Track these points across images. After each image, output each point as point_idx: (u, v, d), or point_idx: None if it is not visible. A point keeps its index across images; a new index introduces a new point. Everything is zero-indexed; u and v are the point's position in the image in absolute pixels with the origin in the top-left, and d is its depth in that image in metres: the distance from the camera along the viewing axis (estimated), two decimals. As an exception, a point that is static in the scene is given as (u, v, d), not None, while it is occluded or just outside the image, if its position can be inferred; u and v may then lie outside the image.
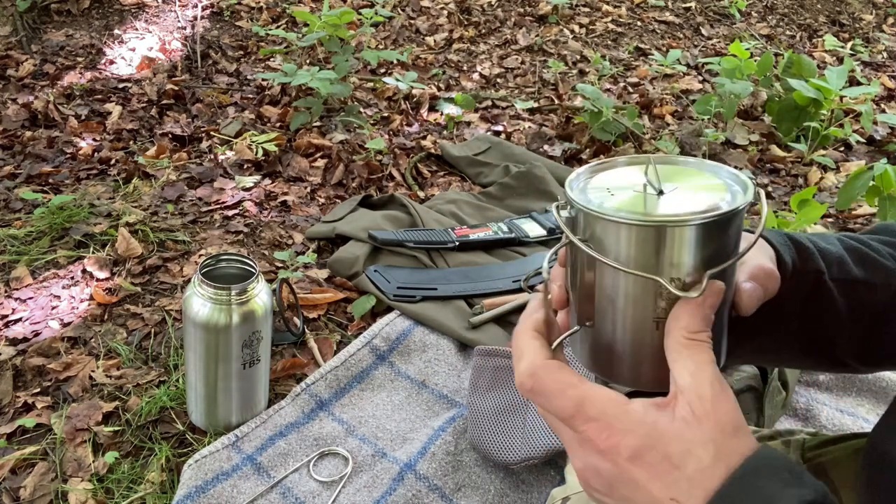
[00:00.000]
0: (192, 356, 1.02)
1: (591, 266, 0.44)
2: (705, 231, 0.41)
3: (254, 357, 1.03)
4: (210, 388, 1.03)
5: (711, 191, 0.43)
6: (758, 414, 1.03)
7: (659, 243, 0.41)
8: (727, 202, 0.42)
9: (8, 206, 1.57)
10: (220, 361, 1.01)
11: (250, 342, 1.01)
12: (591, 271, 0.44)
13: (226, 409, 1.06)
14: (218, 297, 0.98)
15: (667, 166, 0.46)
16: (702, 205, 0.41)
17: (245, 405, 1.07)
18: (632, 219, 0.41)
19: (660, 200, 0.43)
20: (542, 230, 1.54)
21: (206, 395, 1.04)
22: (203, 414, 1.06)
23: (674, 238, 0.41)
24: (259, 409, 1.09)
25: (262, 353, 1.04)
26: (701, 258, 0.41)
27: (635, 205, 0.42)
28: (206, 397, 1.04)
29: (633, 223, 0.41)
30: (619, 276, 0.42)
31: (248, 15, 2.66)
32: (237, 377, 1.03)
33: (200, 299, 0.98)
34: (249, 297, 0.99)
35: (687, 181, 0.44)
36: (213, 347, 1.00)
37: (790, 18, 3.33)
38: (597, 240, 0.42)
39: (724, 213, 0.41)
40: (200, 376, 1.03)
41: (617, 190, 0.44)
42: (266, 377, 1.09)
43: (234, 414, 1.07)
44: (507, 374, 1.07)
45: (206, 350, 1.00)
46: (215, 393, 1.04)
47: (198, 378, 1.03)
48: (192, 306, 0.99)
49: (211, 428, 1.06)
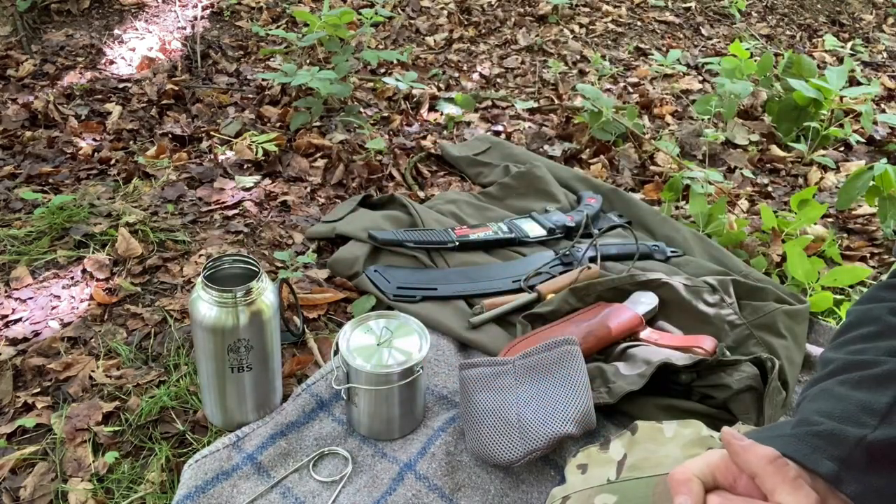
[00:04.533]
0: (202, 358, 1.02)
1: None
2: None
3: (263, 356, 1.03)
4: (222, 388, 1.03)
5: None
6: (758, 414, 1.03)
7: None
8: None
9: (8, 206, 1.57)
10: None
11: (256, 342, 1.01)
12: None
13: (241, 409, 1.06)
14: (224, 300, 0.97)
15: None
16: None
17: (261, 403, 1.07)
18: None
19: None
20: (542, 230, 1.54)
21: (220, 395, 1.04)
22: (220, 413, 1.06)
23: None
24: (274, 406, 1.10)
25: (273, 351, 1.04)
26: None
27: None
28: (219, 398, 1.04)
29: None
30: None
31: (248, 15, 2.66)
32: (249, 377, 1.03)
33: (206, 303, 0.98)
34: (255, 297, 0.99)
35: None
36: (223, 350, 1.00)
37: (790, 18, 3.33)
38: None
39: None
40: (212, 377, 1.03)
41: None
42: (279, 374, 1.09)
43: (251, 413, 1.07)
44: (492, 377, 1.07)
45: (215, 353, 1.00)
46: (230, 393, 1.04)
47: (210, 379, 1.03)
48: (198, 310, 0.98)
49: (227, 428, 1.07)
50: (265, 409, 1.08)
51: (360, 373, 1.01)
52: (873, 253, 1.67)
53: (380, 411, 1.04)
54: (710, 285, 1.28)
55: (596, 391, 1.05)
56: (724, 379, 1.05)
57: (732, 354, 1.15)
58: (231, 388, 1.03)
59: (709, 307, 1.25)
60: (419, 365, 1.02)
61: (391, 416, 1.04)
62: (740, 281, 1.32)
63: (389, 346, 1.04)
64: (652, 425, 0.83)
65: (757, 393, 1.05)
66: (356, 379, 1.01)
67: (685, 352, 1.11)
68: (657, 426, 0.83)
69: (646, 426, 0.83)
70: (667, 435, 0.81)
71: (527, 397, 1.03)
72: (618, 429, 1.07)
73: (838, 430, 0.57)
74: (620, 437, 0.84)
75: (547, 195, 1.70)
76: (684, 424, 0.82)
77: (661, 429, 0.82)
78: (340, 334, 1.05)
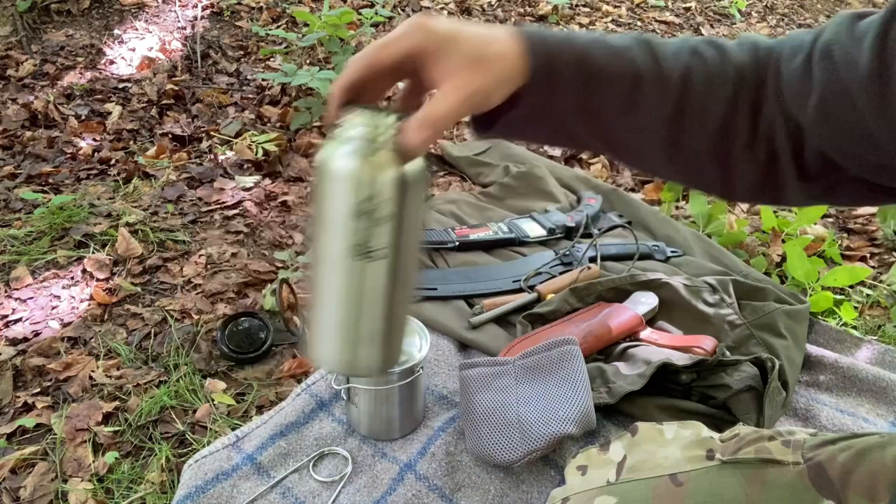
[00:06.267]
0: (334, 256, 0.54)
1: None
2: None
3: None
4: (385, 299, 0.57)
5: None
6: (758, 414, 1.03)
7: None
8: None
9: (8, 206, 1.57)
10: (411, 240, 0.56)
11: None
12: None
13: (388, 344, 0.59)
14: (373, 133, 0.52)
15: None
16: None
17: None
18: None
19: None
20: (542, 230, 1.54)
21: (358, 311, 0.56)
22: (348, 348, 0.57)
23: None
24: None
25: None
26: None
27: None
28: (359, 318, 0.56)
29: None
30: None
31: (248, 15, 2.65)
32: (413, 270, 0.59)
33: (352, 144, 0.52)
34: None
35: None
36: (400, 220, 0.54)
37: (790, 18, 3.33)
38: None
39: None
40: (351, 281, 0.55)
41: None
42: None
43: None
44: (492, 377, 1.07)
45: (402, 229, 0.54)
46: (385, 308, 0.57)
47: (341, 286, 0.55)
48: (333, 164, 0.52)
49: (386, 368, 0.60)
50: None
51: None
52: (873, 253, 1.67)
53: (380, 411, 1.04)
54: (710, 285, 1.28)
55: (596, 391, 1.05)
56: (724, 379, 1.05)
57: (732, 354, 1.15)
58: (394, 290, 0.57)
59: (709, 307, 1.25)
60: (419, 365, 1.02)
61: (391, 416, 1.04)
62: (740, 281, 1.32)
63: None
64: (652, 426, 0.83)
65: (757, 393, 1.05)
66: (356, 379, 1.02)
67: (685, 352, 1.11)
68: (657, 427, 0.83)
69: (646, 427, 0.83)
70: (667, 436, 0.81)
71: (527, 397, 1.03)
72: (618, 429, 1.07)
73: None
74: (620, 439, 0.84)
75: (547, 195, 1.70)
76: (684, 426, 0.82)
77: (662, 430, 0.82)
78: None
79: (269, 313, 1.30)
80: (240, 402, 1.14)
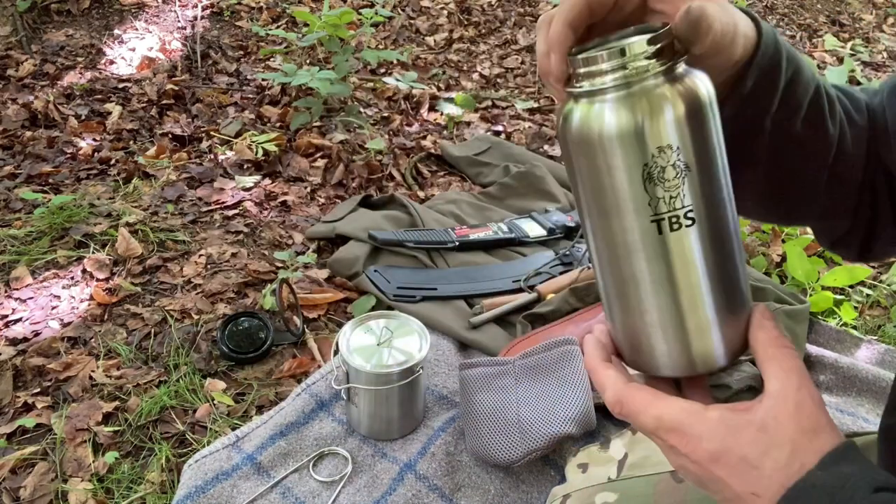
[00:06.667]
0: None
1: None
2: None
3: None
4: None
5: None
6: (758, 414, 1.03)
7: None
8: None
9: (8, 206, 1.57)
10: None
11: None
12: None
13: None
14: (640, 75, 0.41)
15: None
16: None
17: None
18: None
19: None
20: (542, 230, 1.54)
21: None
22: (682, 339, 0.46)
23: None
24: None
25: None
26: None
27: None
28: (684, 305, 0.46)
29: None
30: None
31: (248, 15, 2.65)
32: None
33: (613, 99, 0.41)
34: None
35: None
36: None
37: (790, 18, 3.33)
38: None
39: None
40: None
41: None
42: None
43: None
44: (492, 377, 1.07)
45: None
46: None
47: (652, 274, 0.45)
48: (599, 126, 0.41)
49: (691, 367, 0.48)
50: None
51: (360, 373, 1.01)
52: (873, 253, 1.67)
53: (380, 411, 1.04)
54: (710, 285, 1.28)
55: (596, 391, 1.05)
56: (724, 379, 1.05)
57: (732, 354, 1.15)
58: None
59: (709, 307, 1.25)
60: (419, 365, 1.02)
61: (391, 416, 1.04)
62: (740, 281, 1.32)
63: (389, 346, 1.04)
64: (652, 425, 0.83)
65: (757, 392, 1.05)
66: (356, 379, 1.01)
67: (685, 352, 1.11)
68: (658, 426, 0.83)
69: (646, 426, 0.83)
70: (667, 434, 0.81)
71: (527, 397, 1.03)
72: (618, 428, 1.07)
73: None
74: (621, 436, 0.84)
75: (547, 195, 1.70)
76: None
77: (662, 428, 0.82)
78: (340, 334, 1.05)
79: (269, 313, 1.30)
80: (240, 402, 1.14)
